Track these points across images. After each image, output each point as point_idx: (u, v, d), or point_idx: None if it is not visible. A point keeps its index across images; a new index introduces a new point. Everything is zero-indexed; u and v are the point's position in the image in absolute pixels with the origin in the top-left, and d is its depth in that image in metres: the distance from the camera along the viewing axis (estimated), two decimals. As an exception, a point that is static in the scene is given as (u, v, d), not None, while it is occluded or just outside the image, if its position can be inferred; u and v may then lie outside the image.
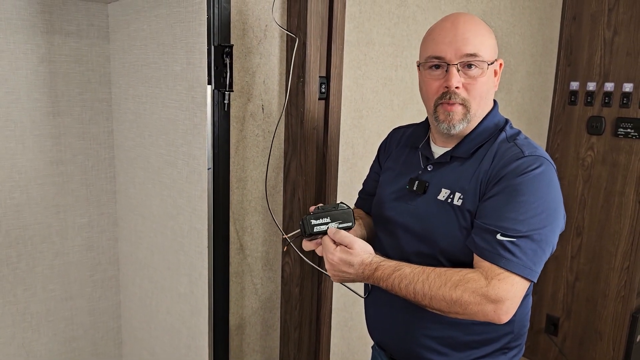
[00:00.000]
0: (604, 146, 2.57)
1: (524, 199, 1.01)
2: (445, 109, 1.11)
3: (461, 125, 1.12)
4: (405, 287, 1.03)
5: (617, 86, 2.49)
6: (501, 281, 0.98)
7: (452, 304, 1.00)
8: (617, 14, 2.47)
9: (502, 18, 2.28)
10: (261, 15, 1.49)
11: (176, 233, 1.50)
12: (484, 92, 1.12)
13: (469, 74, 1.09)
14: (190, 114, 1.36)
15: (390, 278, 1.05)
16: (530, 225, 1.00)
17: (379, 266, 1.07)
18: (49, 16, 1.60)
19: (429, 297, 1.01)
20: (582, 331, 2.73)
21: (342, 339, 1.93)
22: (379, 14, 1.78)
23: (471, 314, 1.00)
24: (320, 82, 1.56)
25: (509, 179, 1.03)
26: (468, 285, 0.99)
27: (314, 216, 1.12)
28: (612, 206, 2.56)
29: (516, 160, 1.05)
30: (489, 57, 1.11)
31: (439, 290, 1.00)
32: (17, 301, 1.70)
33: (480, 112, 1.15)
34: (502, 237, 1.00)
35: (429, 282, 1.02)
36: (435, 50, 1.11)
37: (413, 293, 1.03)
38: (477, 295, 0.98)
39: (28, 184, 1.65)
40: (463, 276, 1.01)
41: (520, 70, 2.45)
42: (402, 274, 1.04)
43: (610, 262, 2.60)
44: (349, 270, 1.09)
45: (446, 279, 1.01)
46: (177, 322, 1.56)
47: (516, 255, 0.99)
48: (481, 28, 1.12)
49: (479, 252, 1.03)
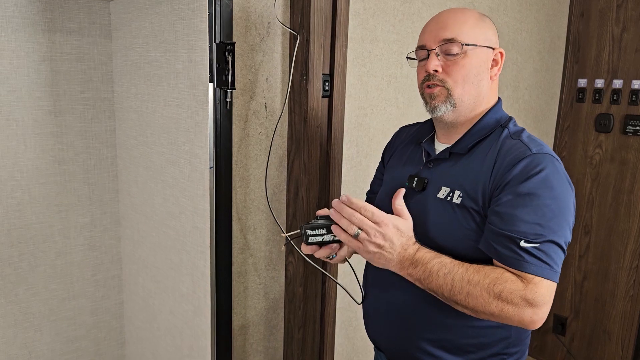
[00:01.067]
0: (612, 144, 2.54)
1: (540, 202, 0.99)
2: (427, 91, 1.13)
3: (444, 108, 1.11)
4: (444, 275, 0.99)
5: (626, 83, 2.45)
6: (537, 285, 0.97)
7: (489, 302, 0.97)
8: (626, 10, 2.43)
9: (508, 14, 2.25)
10: (264, 12, 1.47)
11: (178, 232, 1.49)
12: (468, 76, 1.10)
13: (449, 59, 1.10)
14: (192, 112, 1.35)
15: (430, 263, 1.01)
16: (550, 228, 0.98)
17: (420, 248, 1.03)
18: (51, 14, 1.59)
19: (466, 291, 0.98)
20: (591, 331, 2.70)
21: (346, 338, 1.91)
22: (383, 10, 1.76)
23: (506, 316, 0.97)
24: (324, 79, 1.54)
25: (522, 182, 1.01)
26: (507, 284, 0.97)
27: (310, 226, 1.10)
28: (620, 205, 2.53)
29: (524, 158, 1.03)
30: (471, 41, 1.10)
31: (477, 286, 0.97)
32: (19, 301, 1.69)
33: (468, 99, 1.12)
34: (526, 244, 0.98)
35: (468, 275, 0.98)
36: (420, 41, 1.15)
37: (451, 284, 0.99)
38: (517, 297, 0.96)
39: (30, 183, 1.64)
40: (500, 274, 0.98)
41: (528, 67, 2.42)
42: (443, 262, 1.01)
43: (618, 261, 2.56)
44: (396, 242, 1.02)
45: (485, 275, 0.98)
46: (180, 322, 1.55)
47: (544, 261, 0.98)
48: (467, 16, 1.12)
49: (502, 259, 1.00)
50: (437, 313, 1.12)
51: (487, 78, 1.14)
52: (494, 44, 1.15)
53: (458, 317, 1.09)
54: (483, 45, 1.12)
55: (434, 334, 1.14)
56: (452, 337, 1.13)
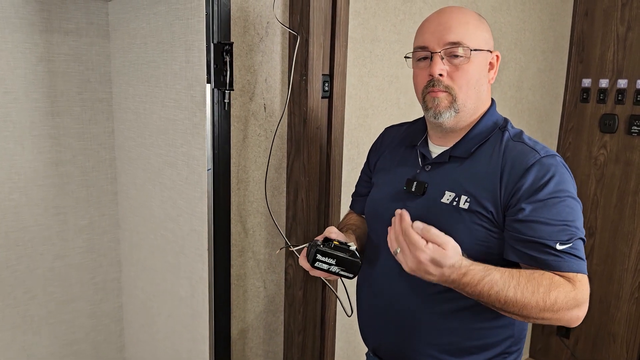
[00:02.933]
0: (617, 144, 2.51)
1: (561, 204, 1.01)
2: (431, 96, 1.10)
3: (448, 114, 1.10)
4: (495, 294, 0.97)
5: (631, 83, 2.43)
6: (580, 282, 1.00)
7: (545, 310, 0.97)
8: (631, 9, 2.41)
9: (512, 14, 2.22)
10: (262, 12, 1.46)
11: (176, 235, 1.47)
12: (471, 81, 1.09)
13: (453, 62, 1.08)
14: (189, 113, 1.33)
15: (479, 285, 0.97)
16: (575, 226, 1.02)
17: (468, 271, 0.98)
18: (48, 14, 1.58)
19: (520, 304, 0.97)
20: (595, 333, 2.67)
21: (347, 342, 1.89)
22: (384, 10, 1.74)
23: (559, 319, 0.99)
24: (324, 80, 1.52)
25: (539, 189, 1.02)
26: (560, 289, 0.97)
27: (322, 252, 1.06)
28: (625, 206, 2.50)
29: (534, 164, 1.04)
30: (476, 45, 1.08)
31: (532, 297, 0.96)
32: (17, 304, 1.68)
33: (471, 104, 1.11)
34: (561, 246, 1.00)
35: (521, 288, 0.97)
36: (420, 41, 1.13)
37: (504, 300, 0.97)
38: (570, 299, 0.98)
39: (27, 185, 1.63)
40: (551, 279, 0.99)
41: (531, 67, 2.40)
42: (492, 280, 0.97)
43: (623, 262, 2.54)
44: (434, 272, 0.97)
45: (537, 284, 0.98)
46: (179, 325, 1.53)
47: (579, 257, 1.01)
48: (469, 17, 1.10)
49: (541, 264, 1.00)
50: (440, 316, 1.10)
51: (486, 82, 1.14)
52: (491, 46, 1.14)
53: (462, 320, 1.08)
54: (484, 49, 1.10)
55: (438, 337, 1.12)
56: (457, 340, 1.11)
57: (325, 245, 1.08)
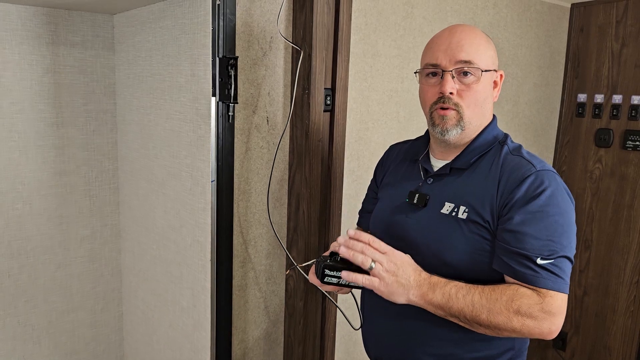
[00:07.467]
0: (612, 159, 2.54)
1: (550, 219, 1.02)
2: (439, 113, 1.13)
3: (455, 131, 1.12)
4: (463, 297, 1.01)
5: (626, 98, 2.46)
6: (552, 298, 1.00)
7: (511, 318, 0.99)
8: (625, 26, 2.45)
9: (508, 30, 2.26)
10: (266, 27, 1.48)
11: (179, 246, 1.48)
12: (479, 100, 1.12)
13: (463, 81, 1.11)
14: (194, 125, 1.35)
15: (447, 286, 1.02)
16: (561, 244, 1.02)
17: (433, 276, 1.05)
18: (55, 27, 1.60)
19: (487, 309, 1.00)
20: (591, 346, 2.68)
21: (346, 353, 1.90)
22: (385, 25, 1.77)
23: (527, 330, 1.00)
24: (326, 94, 1.55)
25: (530, 200, 1.03)
26: (524, 300, 0.99)
27: (329, 266, 1.08)
28: (620, 219, 2.53)
29: (529, 176, 1.05)
30: (485, 65, 1.11)
31: (496, 303, 0.99)
32: (18, 313, 1.68)
33: (476, 121, 1.14)
34: (542, 261, 1.01)
35: (486, 294, 1.01)
36: (432, 58, 1.14)
37: (471, 304, 1.00)
38: (535, 310, 0.99)
39: (31, 195, 1.64)
40: (516, 290, 1.01)
41: (528, 82, 2.43)
42: (458, 284, 1.03)
43: (619, 276, 2.55)
44: (407, 267, 1.03)
45: (501, 292, 1.01)
46: (180, 336, 1.54)
47: (559, 275, 1.01)
48: (478, 37, 1.13)
49: (518, 276, 1.02)
50: (443, 327, 1.11)
51: (491, 100, 1.17)
52: (497, 65, 1.17)
53: (465, 331, 1.09)
54: (492, 69, 1.13)
55: (440, 348, 1.13)
56: (459, 352, 1.12)
57: (332, 260, 1.09)
